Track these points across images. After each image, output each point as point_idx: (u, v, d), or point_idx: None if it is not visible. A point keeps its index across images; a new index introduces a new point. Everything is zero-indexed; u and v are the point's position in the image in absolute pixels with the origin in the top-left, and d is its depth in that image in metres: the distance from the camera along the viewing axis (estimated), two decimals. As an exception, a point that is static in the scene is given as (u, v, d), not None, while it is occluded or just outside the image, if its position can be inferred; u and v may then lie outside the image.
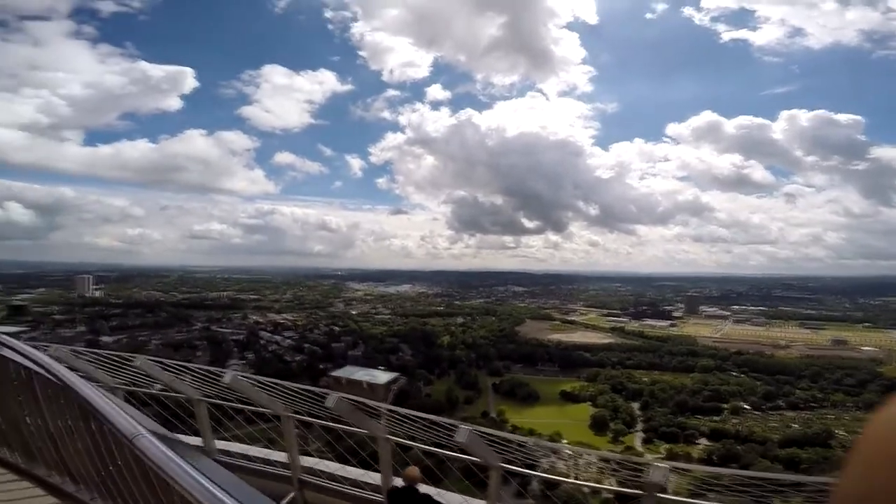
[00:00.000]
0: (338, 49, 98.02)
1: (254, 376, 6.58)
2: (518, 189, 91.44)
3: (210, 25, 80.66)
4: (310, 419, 6.62)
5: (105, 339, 52.14)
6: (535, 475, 6.06)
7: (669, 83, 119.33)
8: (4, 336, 3.14)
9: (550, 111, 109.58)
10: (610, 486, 6.14)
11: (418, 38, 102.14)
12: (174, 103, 68.03)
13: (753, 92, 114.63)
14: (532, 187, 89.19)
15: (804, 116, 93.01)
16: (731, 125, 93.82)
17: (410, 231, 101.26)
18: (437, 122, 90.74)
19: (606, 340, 66.18)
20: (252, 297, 65.64)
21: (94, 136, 70.67)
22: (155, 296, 62.00)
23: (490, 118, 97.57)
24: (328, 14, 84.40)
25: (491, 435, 5.70)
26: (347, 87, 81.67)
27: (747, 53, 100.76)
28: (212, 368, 6.63)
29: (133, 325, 56.94)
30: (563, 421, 47.47)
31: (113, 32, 74.73)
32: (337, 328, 61.06)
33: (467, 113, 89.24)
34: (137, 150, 69.08)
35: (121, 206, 73.33)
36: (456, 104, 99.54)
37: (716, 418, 46.94)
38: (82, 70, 69.59)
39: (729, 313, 69.93)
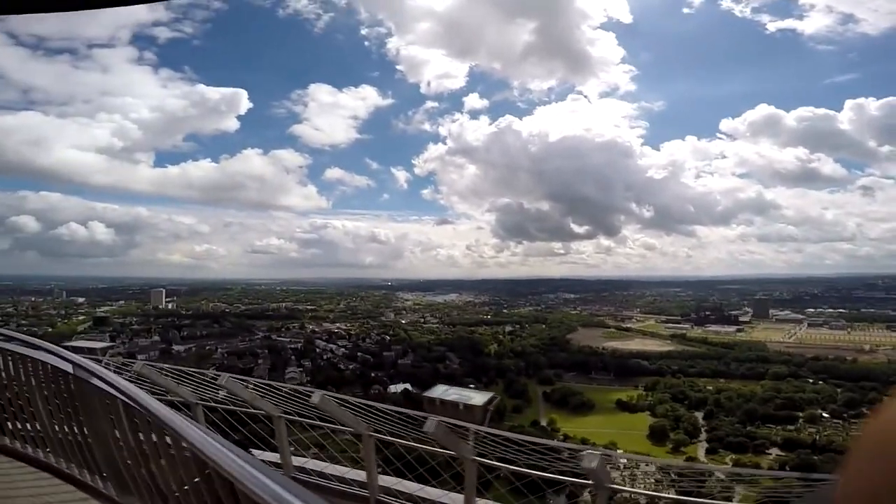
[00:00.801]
0: (376, 65, 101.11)
1: (343, 396, 6.71)
2: (565, 194, 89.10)
3: (257, 48, 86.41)
4: (391, 439, 6.63)
5: (177, 347, 56.13)
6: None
7: (717, 78, 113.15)
8: (92, 365, 3.23)
9: (593, 113, 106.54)
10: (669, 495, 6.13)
11: (451, 49, 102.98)
12: (232, 124, 73.02)
13: (811, 82, 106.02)
14: (580, 191, 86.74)
15: (873, 105, 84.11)
16: (791, 118, 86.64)
17: (456, 240, 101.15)
18: (477, 130, 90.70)
19: (666, 348, 62.76)
20: (308, 307, 68.38)
21: (163, 158, 77.09)
22: (220, 307, 65.88)
23: (530, 124, 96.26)
24: (364, 31, 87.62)
25: (535, 443, 5.64)
26: (388, 102, 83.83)
27: (798, 43, 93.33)
28: (300, 388, 6.92)
29: (201, 334, 60.75)
30: (619, 430, 45.56)
31: (171, 57, 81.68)
32: (388, 337, 62.26)
33: (507, 120, 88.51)
34: (202, 169, 74.57)
35: (189, 223, 78.97)
36: (494, 112, 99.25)
37: (790, 427, 43.20)
38: (148, 94, 76.31)
39: (803, 317, 64.13)
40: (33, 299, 55.23)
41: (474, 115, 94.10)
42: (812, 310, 65.19)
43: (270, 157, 79.46)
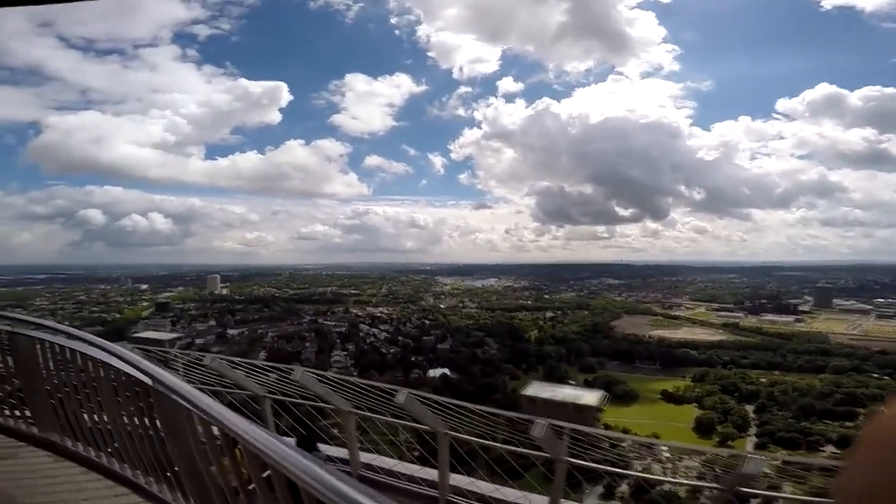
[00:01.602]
0: (408, 52, 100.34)
1: (431, 395, 6.53)
2: (608, 176, 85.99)
3: (293, 41, 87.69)
4: (469, 438, 6.48)
5: (231, 331, 59.42)
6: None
7: (768, 56, 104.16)
8: (172, 380, 3.15)
9: (636, 94, 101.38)
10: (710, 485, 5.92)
11: (482, 33, 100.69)
12: (275, 116, 75.24)
13: (876, 61, 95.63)
14: (624, 173, 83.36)
15: (947, 83, 75.18)
16: (856, 97, 78.79)
17: (495, 224, 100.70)
18: (513, 114, 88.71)
19: (717, 337, 60.03)
20: (353, 292, 70.33)
21: (213, 150, 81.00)
22: (270, 292, 68.96)
23: (569, 106, 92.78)
24: (393, 20, 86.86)
25: (576, 430, 5.66)
26: (422, 88, 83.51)
27: (858, 20, 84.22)
28: (382, 385, 6.79)
29: (253, 318, 63.93)
30: (664, 422, 44.48)
31: (212, 54, 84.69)
32: (427, 321, 63.25)
33: (544, 103, 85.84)
34: (249, 161, 77.62)
35: (239, 212, 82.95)
36: (530, 95, 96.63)
37: (848, 424, 40.57)
38: (194, 90, 79.86)
39: (870, 307, 59.33)
40: (103, 287, 60.11)
41: (510, 98, 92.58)
42: (881, 300, 60.10)
43: (313, 147, 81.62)
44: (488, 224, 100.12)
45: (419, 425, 6.63)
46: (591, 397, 45.71)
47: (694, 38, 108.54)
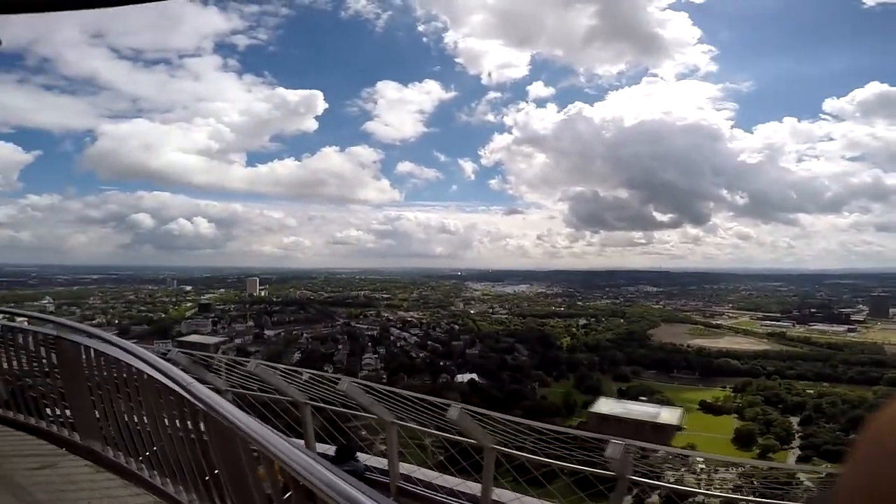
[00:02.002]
0: (436, 59, 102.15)
1: (487, 411, 6.35)
2: (645, 180, 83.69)
3: (326, 50, 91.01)
4: (517, 453, 6.36)
5: (268, 332, 61.41)
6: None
7: (812, 56, 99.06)
8: (221, 403, 3.08)
9: (671, 96, 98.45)
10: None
11: (509, 38, 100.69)
12: (311, 124, 77.92)
13: None
14: (662, 177, 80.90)
15: None
16: None
17: (526, 230, 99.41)
18: (545, 119, 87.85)
19: (761, 347, 57.14)
20: (384, 296, 71.35)
21: (253, 157, 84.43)
22: (306, 295, 70.89)
23: (602, 110, 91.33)
24: (421, 28, 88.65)
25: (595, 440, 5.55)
26: (452, 94, 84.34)
27: None
28: (429, 398, 6.69)
29: (289, 320, 65.82)
30: (701, 433, 42.69)
31: (251, 63, 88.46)
32: (456, 326, 63.31)
33: (576, 107, 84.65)
34: (287, 167, 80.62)
35: (278, 217, 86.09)
36: (561, 100, 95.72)
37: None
38: (235, 99, 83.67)
39: (934, 317, 54.98)
40: (150, 287, 63.68)
41: (540, 103, 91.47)
42: (946, 310, 55.54)
43: (347, 153, 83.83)
44: (520, 230, 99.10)
45: (464, 438, 6.54)
46: (668, 415, 43.65)
47: (730, 38, 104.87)
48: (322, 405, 8.08)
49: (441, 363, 55.67)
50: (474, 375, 53.06)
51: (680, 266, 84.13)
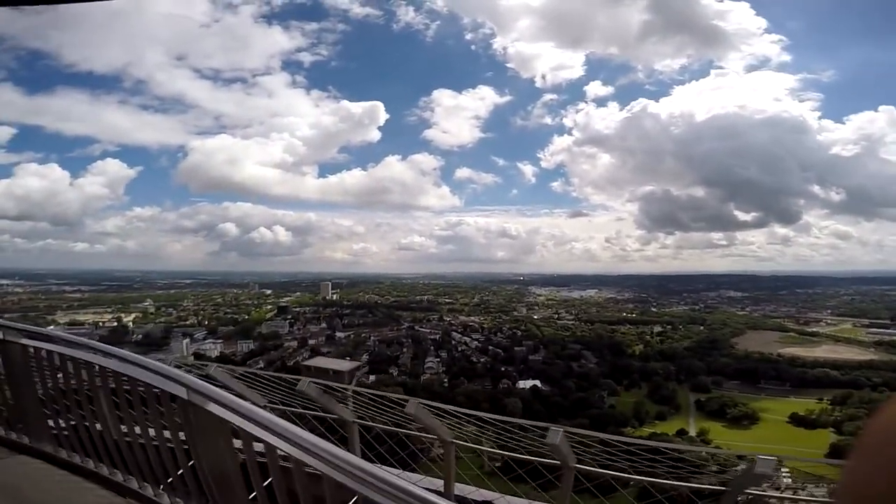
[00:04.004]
0: (487, 65, 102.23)
1: (587, 432, 6.09)
2: (723, 177, 77.38)
3: (383, 62, 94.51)
4: (600, 471, 6.15)
5: (339, 334, 64.37)
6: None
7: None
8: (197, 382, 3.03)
9: (743, 88, 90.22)
10: None
11: (560, 40, 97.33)
12: (375, 135, 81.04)
13: None
14: (741, 174, 74.37)
15: None
16: None
17: (593, 233, 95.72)
18: (606, 118, 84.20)
19: (866, 356, 50.72)
20: (446, 300, 72.08)
21: (324, 169, 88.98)
22: (374, 299, 73.43)
23: (668, 105, 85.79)
24: (468, 36, 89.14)
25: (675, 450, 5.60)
26: (506, 99, 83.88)
27: None
28: (522, 422, 6.37)
29: (358, 323, 68.48)
30: (790, 447, 38.61)
31: (316, 79, 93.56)
32: (519, 332, 62.39)
33: (640, 104, 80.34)
34: (354, 177, 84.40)
35: (348, 225, 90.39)
36: (621, 98, 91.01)
37: None
38: (305, 114, 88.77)
39: None
40: (235, 291, 69.50)
41: (600, 102, 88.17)
42: None
43: (408, 161, 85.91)
44: (586, 233, 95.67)
45: (537, 458, 6.28)
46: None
47: (799, 26, 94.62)
48: (370, 424, 7.70)
49: (502, 369, 55.14)
50: (537, 382, 51.97)
51: (768, 269, 76.57)
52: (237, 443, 2.99)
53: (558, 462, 6.09)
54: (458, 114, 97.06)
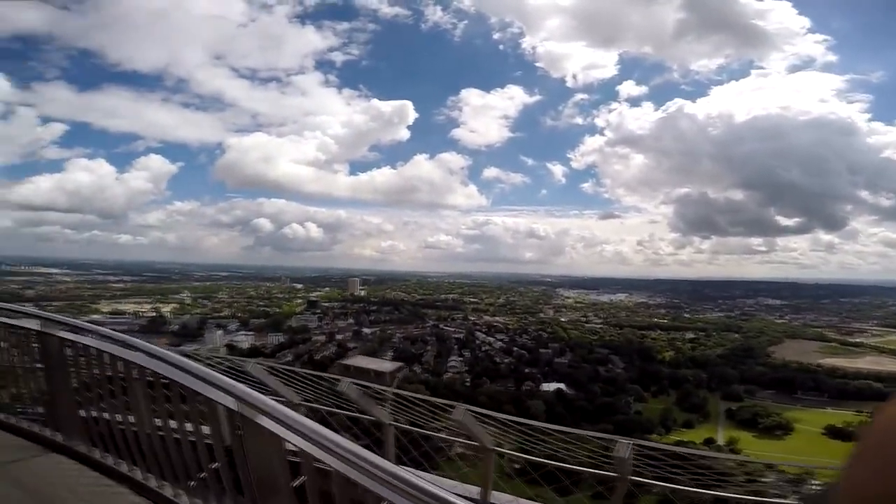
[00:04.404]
0: (516, 65, 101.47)
1: (647, 444, 5.84)
2: (763, 180, 74.50)
3: (412, 62, 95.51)
4: (659, 484, 5.75)
5: (365, 330, 65.19)
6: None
7: None
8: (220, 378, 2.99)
9: (786, 89, 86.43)
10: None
11: (592, 39, 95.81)
12: (404, 134, 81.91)
13: None
14: (783, 177, 71.41)
15: None
16: None
17: (624, 236, 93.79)
18: (640, 118, 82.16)
19: (915, 371, 48.22)
20: (472, 300, 72.09)
21: (355, 167, 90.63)
22: (400, 296, 74.18)
23: (705, 106, 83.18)
24: (496, 35, 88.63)
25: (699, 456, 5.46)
26: (536, 98, 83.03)
27: None
28: (533, 423, 6.30)
29: (385, 319, 69.23)
30: (824, 460, 36.97)
31: (347, 78, 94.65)
32: (545, 334, 61.73)
33: (676, 104, 78.08)
34: (383, 176, 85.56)
35: (376, 223, 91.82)
36: (656, 98, 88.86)
37: None
38: (337, 112, 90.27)
39: None
40: (268, 285, 71.61)
41: (634, 102, 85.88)
42: None
43: (436, 160, 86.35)
44: (617, 235, 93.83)
45: (589, 469, 6.04)
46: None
47: (845, 26, 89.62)
48: (406, 427, 7.48)
49: (526, 370, 54.68)
50: (562, 385, 51.31)
51: (811, 276, 73.35)
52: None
53: (611, 473, 5.76)
54: (487, 113, 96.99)
